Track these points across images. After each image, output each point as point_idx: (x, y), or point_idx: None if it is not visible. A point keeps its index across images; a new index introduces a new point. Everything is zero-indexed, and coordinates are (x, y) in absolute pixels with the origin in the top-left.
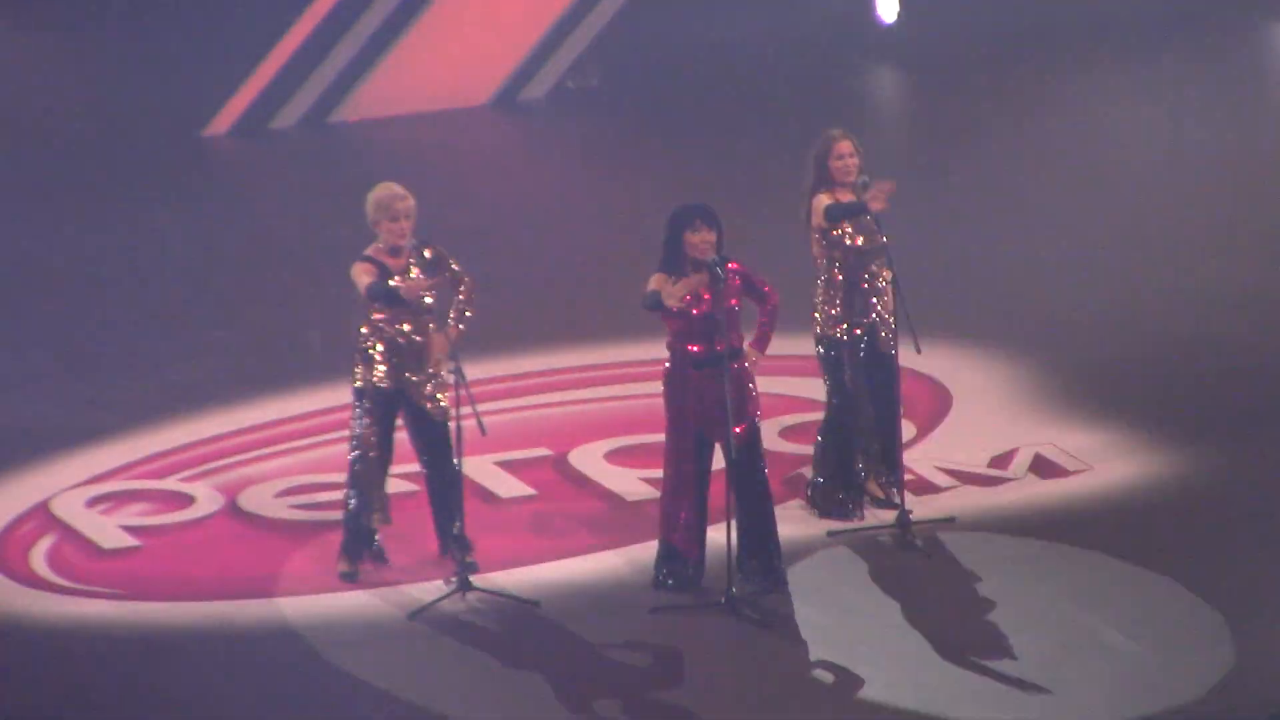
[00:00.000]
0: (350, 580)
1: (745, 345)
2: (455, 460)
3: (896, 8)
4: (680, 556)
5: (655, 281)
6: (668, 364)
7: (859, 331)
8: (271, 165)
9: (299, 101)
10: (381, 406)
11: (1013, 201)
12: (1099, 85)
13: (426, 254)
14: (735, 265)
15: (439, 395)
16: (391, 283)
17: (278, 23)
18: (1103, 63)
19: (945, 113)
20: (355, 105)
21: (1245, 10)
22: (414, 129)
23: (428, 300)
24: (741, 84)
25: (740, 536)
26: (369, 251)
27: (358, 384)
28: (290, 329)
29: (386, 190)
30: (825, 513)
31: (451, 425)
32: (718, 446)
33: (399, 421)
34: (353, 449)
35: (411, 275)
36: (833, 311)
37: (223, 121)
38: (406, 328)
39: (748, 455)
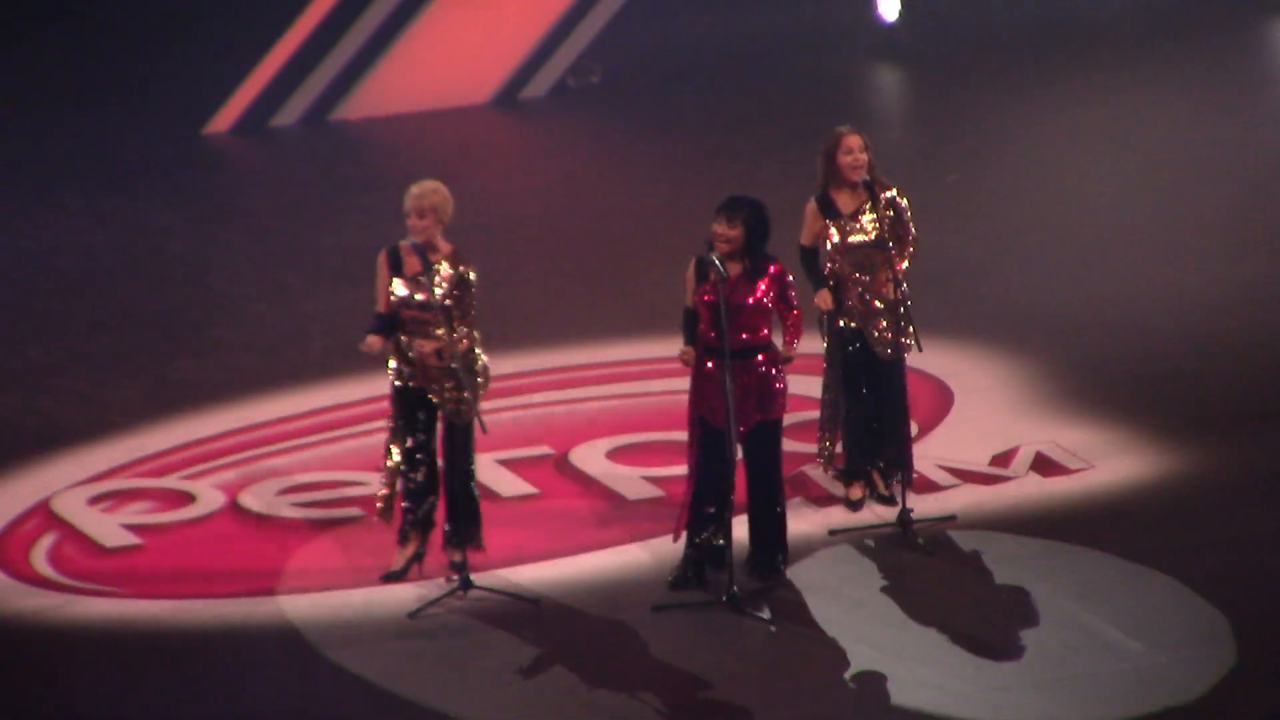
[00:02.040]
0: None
1: (784, 344)
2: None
3: (898, 6)
4: (706, 556)
5: (688, 270)
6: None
7: (845, 328)
8: (272, 163)
9: (300, 100)
10: (411, 405)
11: (1013, 199)
12: (1099, 83)
13: (461, 269)
14: (776, 268)
15: (459, 396)
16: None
17: (278, 21)
18: (1103, 61)
19: (946, 111)
20: (356, 103)
21: (1245, 9)
22: (415, 127)
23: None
24: (743, 82)
25: (750, 532)
26: (402, 242)
27: (395, 383)
28: (291, 327)
29: (411, 187)
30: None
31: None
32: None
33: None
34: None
35: (425, 278)
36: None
37: (224, 120)
38: (423, 345)
39: (762, 452)
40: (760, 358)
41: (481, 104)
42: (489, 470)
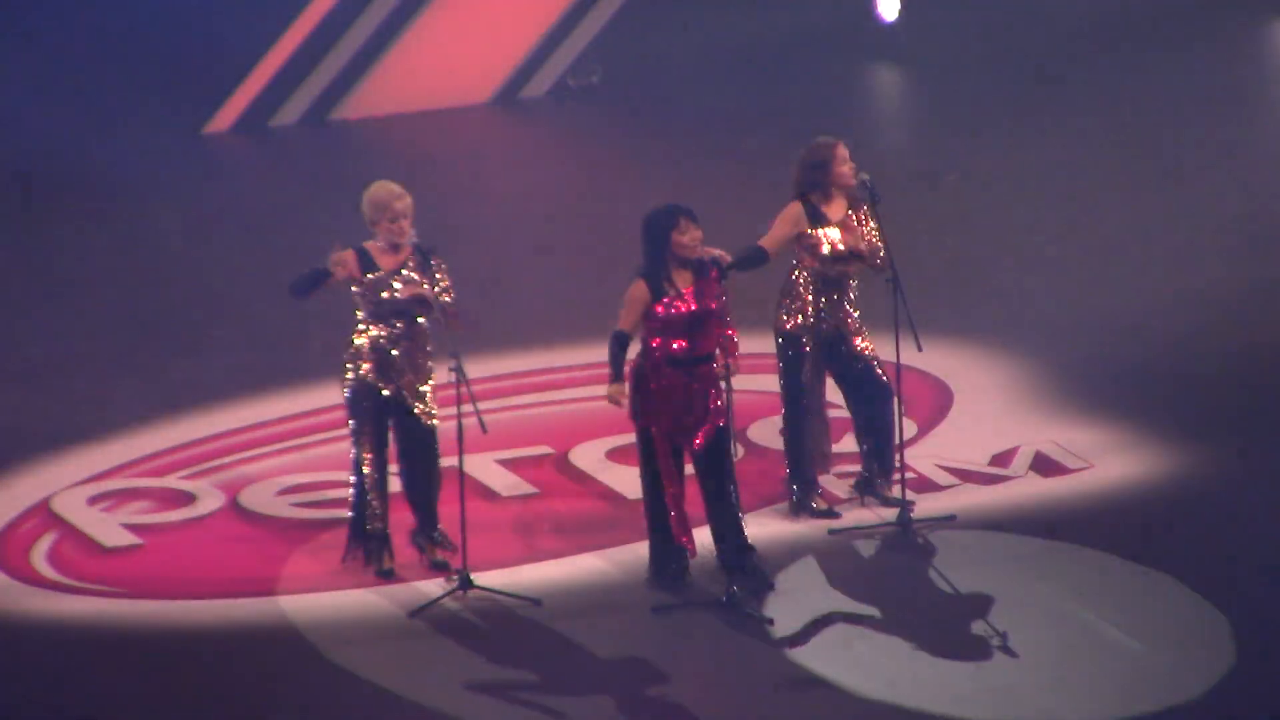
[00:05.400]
0: (388, 577)
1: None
2: (438, 462)
3: (897, 6)
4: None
5: (635, 291)
6: (639, 363)
7: (825, 330)
8: (272, 163)
9: (300, 99)
10: (377, 408)
11: (1013, 200)
12: (1099, 84)
13: (432, 261)
14: (715, 271)
15: (428, 397)
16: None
17: (278, 21)
18: (1103, 61)
19: (945, 111)
20: (356, 103)
21: (1245, 9)
22: (415, 127)
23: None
24: (742, 82)
25: (712, 530)
26: (366, 244)
27: (347, 391)
28: (290, 327)
29: (384, 190)
30: (793, 510)
31: (448, 424)
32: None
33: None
34: (359, 453)
35: (404, 273)
36: (796, 307)
37: (224, 119)
38: (399, 341)
39: (717, 454)
40: (715, 364)
41: (481, 104)
42: (489, 470)
